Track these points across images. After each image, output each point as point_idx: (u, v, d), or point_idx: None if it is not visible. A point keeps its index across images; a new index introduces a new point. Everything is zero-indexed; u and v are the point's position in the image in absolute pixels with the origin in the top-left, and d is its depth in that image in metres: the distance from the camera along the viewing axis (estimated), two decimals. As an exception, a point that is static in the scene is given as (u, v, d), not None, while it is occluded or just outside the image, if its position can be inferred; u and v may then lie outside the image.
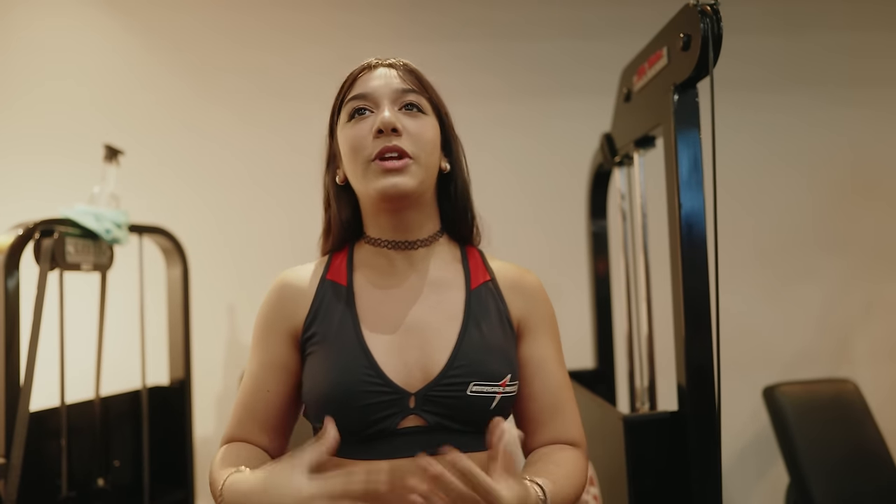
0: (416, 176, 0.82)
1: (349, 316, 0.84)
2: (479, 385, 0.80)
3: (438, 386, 0.80)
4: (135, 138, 2.09)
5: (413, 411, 0.80)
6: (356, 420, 0.79)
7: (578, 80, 2.31)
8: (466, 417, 0.81)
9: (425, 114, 0.86)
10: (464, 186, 0.93)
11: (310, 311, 0.86)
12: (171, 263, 1.89)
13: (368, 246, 0.90)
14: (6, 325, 1.38)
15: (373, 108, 0.84)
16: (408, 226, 0.87)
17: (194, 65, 2.27)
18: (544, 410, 0.88)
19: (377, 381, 0.79)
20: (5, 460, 1.34)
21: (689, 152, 1.12)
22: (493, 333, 0.85)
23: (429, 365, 0.81)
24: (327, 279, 0.89)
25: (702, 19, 1.05)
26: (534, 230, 2.28)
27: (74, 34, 2.24)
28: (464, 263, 0.91)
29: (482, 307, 0.87)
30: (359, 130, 0.83)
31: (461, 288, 0.88)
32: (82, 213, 1.58)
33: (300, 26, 2.29)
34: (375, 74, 0.86)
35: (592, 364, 1.84)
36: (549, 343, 0.91)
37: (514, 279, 0.92)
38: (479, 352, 0.82)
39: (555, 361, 0.90)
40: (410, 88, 0.85)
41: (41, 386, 1.46)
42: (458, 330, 0.84)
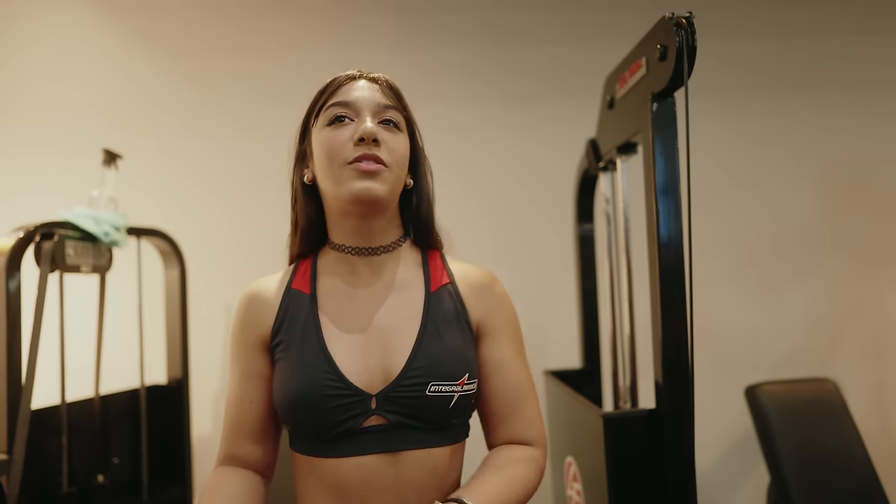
0: (388, 183, 0.86)
1: (312, 323, 0.88)
2: (437, 385, 0.84)
3: (399, 387, 0.84)
4: (133, 142, 2.13)
5: (375, 412, 0.84)
6: (321, 422, 0.83)
7: (568, 85, 2.35)
8: (426, 416, 0.85)
9: (401, 131, 0.90)
10: (427, 199, 0.96)
11: (276, 320, 0.90)
12: (169, 265, 1.92)
13: (332, 252, 0.93)
14: (8, 325, 1.42)
15: (353, 117, 0.87)
16: (372, 232, 0.90)
17: (191, 70, 2.30)
18: (503, 409, 0.92)
19: (339, 385, 0.83)
20: (7, 457, 1.38)
21: (665, 159, 1.16)
22: (452, 334, 0.88)
23: (389, 366, 0.85)
24: (292, 288, 0.92)
25: (677, 31, 1.09)
26: (524, 232, 2.32)
27: (74, 41, 2.28)
28: (424, 267, 0.94)
29: (441, 309, 0.90)
30: (338, 136, 0.86)
31: (421, 290, 0.91)
32: (82, 217, 1.62)
33: (294, 33, 2.33)
34: (359, 85, 0.90)
35: (580, 364, 1.88)
36: (509, 344, 0.94)
37: (474, 281, 0.94)
38: (437, 353, 0.86)
39: (514, 362, 0.93)
40: (391, 105, 0.90)
41: (42, 385, 1.50)
42: (417, 332, 0.87)
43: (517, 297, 2.38)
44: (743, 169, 2.40)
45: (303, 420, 0.84)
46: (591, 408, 1.29)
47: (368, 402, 0.84)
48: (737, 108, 2.40)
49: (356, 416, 0.83)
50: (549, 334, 2.30)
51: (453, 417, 0.87)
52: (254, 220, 2.26)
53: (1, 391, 1.41)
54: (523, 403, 0.93)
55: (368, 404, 0.84)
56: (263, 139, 2.28)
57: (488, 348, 0.93)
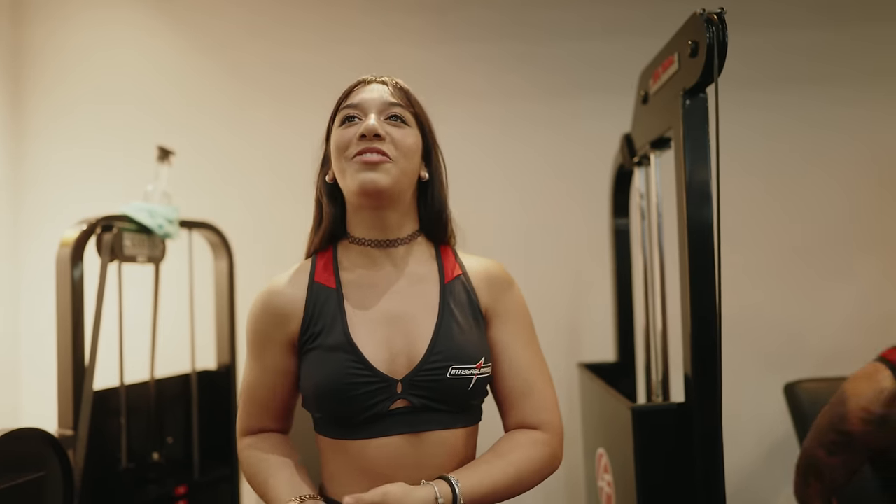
0: (391, 174, 0.91)
1: (339, 316, 0.93)
2: (457, 368, 0.90)
3: (422, 371, 0.90)
4: (185, 138, 2.23)
5: (401, 395, 0.90)
6: (351, 408, 0.89)
7: (604, 80, 2.33)
8: (447, 398, 0.90)
9: (408, 125, 0.95)
10: (440, 193, 1.01)
11: (304, 317, 0.95)
12: (218, 256, 2.02)
13: (353, 245, 0.98)
14: (72, 311, 1.52)
15: (362, 117, 0.94)
16: (387, 225, 0.96)
17: (238, 64, 2.39)
18: (513, 391, 0.97)
19: (366, 373, 0.89)
20: (73, 432, 1.49)
21: (696, 154, 1.16)
22: (467, 321, 0.94)
23: (411, 353, 0.91)
24: (315, 282, 0.97)
25: (707, 28, 1.09)
26: (560, 226, 2.33)
27: (130, 40, 2.40)
28: (438, 260, 1.00)
29: (455, 298, 0.96)
30: (346, 133, 0.93)
31: (436, 282, 0.97)
32: (138, 210, 1.71)
33: (335, 27, 2.39)
34: (369, 88, 0.96)
35: (615, 358, 1.89)
36: (516, 328, 0.99)
37: (483, 272, 1.01)
38: (455, 338, 0.92)
39: (522, 345, 0.98)
40: (397, 102, 0.95)
41: (103, 368, 1.60)
42: (436, 320, 0.93)
43: (553, 290, 2.42)
44: (791, 163, 2.34)
45: (332, 408, 0.91)
46: (621, 400, 1.31)
47: (394, 386, 0.90)
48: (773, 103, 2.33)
49: (383, 400, 0.89)
50: (584, 328, 2.31)
51: (472, 399, 0.93)
52: (298, 212, 2.31)
53: (66, 372, 1.52)
54: (533, 387, 0.97)
55: (395, 389, 0.90)
56: (307, 131, 2.33)
57: (496, 331, 0.98)
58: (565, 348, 2.30)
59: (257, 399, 1.00)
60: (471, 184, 2.29)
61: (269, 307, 0.97)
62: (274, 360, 0.97)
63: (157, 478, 1.75)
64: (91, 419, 1.51)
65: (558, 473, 2.29)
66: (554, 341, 2.29)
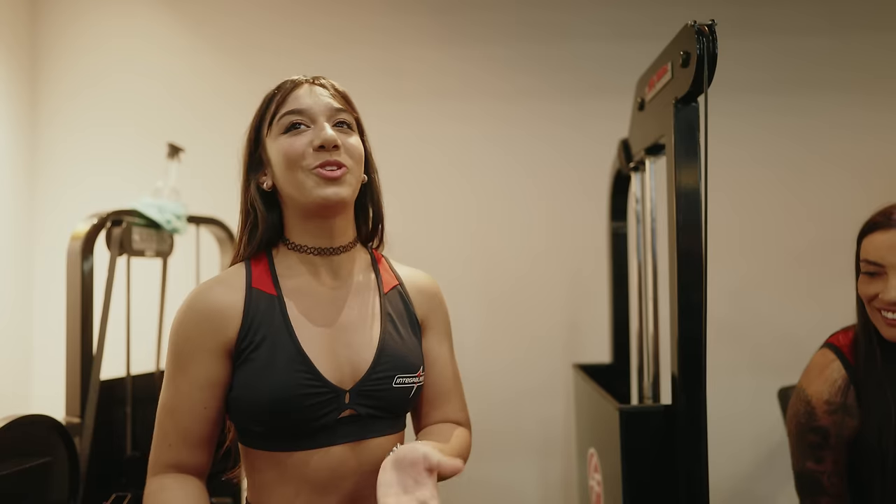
0: (351, 185, 0.91)
1: (283, 323, 0.89)
2: (402, 377, 0.92)
3: (369, 381, 0.90)
4: (194, 135, 2.28)
5: (348, 405, 0.89)
6: (300, 419, 0.86)
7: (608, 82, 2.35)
8: (391, 406, 0.93)
9: (353, 131, 0.94)
10: (379, 195, 1.02)
11: (243, 323, 0.88)
12: (225, 251, 2.06)
13: (291, 252, 0.94)
14: (82, 303, 1.57)
15: (309, 124, 0.90)
16: (333, 233, 0.93)
17: (249, 63, 2.43)
18: (438, 396, 1.02)
19: (316, 384, 0.86)
20: (80, 420, 1.54)
21: (687, 162, 1.18)
22: (406, 331, 0.97)
23: (357, 362, 0.90)
24: (254, 287, 0.91)
25: (698, 38, 1.12)
26: (560, 228, 2.36)
27: (143, 36, 2.44)
28: (374, 269, 1.01)
29: (395, 308, 0.98)
30: (296, 143, 0.88)
31: (376, 291, 0.98)
32: (147, 205, 1.75)
33: (348, 29, 2.42)
34: (310, 92, 0.92)
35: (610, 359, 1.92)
36: (445, 339, 1.05)
37: (419, 284, 1.03)
38: (399, 348, 0.94)
39: (449, 355, 1.04)
40: (342, 108, 0.92)
41: (110, 358, 1.65)
42: (379, 329, 0.94)
43: (553, 291, 2.43)
44: (785, 170, 2.35)
45: (278, 420, 0.85)
46: (610, 401, 1.34)
47: (343, 397, 0.88)
48: (776, 107, 2.35)
49: (332, 411, 0.87)
50: (582, 329, 2.33)
51: (410, 406, 0.97)
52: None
53: (75, 362, 1.57)
54: (455, 391, 1.04)
55: (343, 399, 0.88)
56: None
57: (428, 342, 1.02)
58: (562, 349, 2.32)
59: (177, 422, 0.88)
60: (472, 183, 2.32)
61: (202, 311, 0.88)
62: (203, 372, 0.87)
63: (160, 466, 1.79)
64: (98, 408, 1.55)
65: (554, 472, 2.34)
66: (551, 342, 2.32)
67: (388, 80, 2.35)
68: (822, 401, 1.21)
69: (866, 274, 1.16)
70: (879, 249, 1.12)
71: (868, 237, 1.16)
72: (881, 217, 1.15)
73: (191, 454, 0.89)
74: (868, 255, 1.15)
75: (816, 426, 1.21)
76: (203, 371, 0.88)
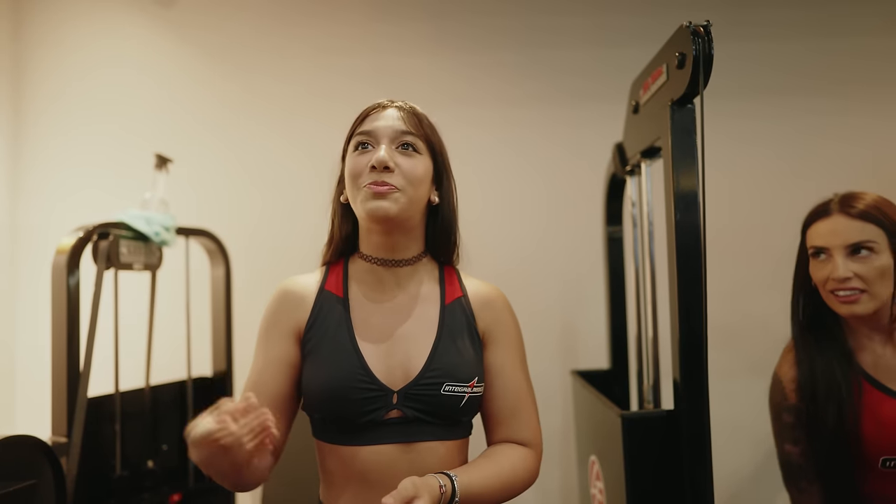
0: (398, 203, 0.95)
1: (345, 323, 0.98)
2: (451, 385, 0.95)
3: (417, 385, 0.95)
4: (182, 146, 2.25)
5: (395, 406, 0.94)
6: (349, 411, 0.93)
7: (601, 87, 2.35)
8: (440, 412, 0.95)
9: (419, 153, 0.99)
10: (450, 217, 1.06)
11: (310, 316, 1.00)
12: (215, 263, 2.03)
13: (361, 261, 1.04)
14: (68, 318, 1.54)
15: (374, 144, 0.98)
16: (395, 247, 1.01)
17: (236, 74, 2.40)
18: (502, 411, 1.02)
19: (366, 380, 0.94)
20: (67, 439, 1.50)
21: (684, 164, 1.17)
22: (463, 342, 0.99)
23: (409, 367, 0.96)
24: (325, 289, 1.03)
25: (694, 40, 1.11)
26: (555, 233, 2.34)
27: (127, 47, 2.41)
28: (440, 281, 1.05)
29: (454, 319, 1.01)
30: (359, 162, 0.98)
31: (437, 302, 1.03)
32: (135, 217, 1.73)
33: (339, 35, 2.40)
34: (383, 115, 1.00)
35: (608, 365, 1.90)
36: (510, 352, 1.04)
37: (483, 296, 1.06)
38: (451, 357, 0.97)
39: (514, 368, 1.03)
40: (409, 130, 0.98)
41: (98, 374, 1.61)
42: (434, 338, 0.98)
43: (549, 297, 2.42)
44: (787, 171, 2.35)
45: (331, 409, 0.94)
46: (612, 408, 1.32)
47: (390, 397, 0.94)
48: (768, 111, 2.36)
49: (379, 408, 0.94)
50: (579, 335, 2.32)
51: (463, 415, 0.98)
52: (296, 221, 2.36)
53: (61, 379, 1.53)
54: (521, 408, 1.02)
55: (390, 399, 0.94)
56: (307, 142, 2.38)
57: (492, 355, 1.03)
58: (560, 355, 2.30)
59: (258, 391, 0.97)
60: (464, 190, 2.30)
61: (282, 296, 1.02)
62: (280, 349, 0.99)
63: (151, 486, 1.75)
64: (85, 426, 1.52)
65: (553, 481, 2.31)
66: (548, 348, 2.30)
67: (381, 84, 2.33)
68: (789, 379, 1.28)
69: (815, 260, 1.27)
70: (823, 236, 1.24)
71: (812, 227, 1.29)
72: (821, 208, 1.29)
73: None
74: (814, 241, 1.27)
75: (789, 405, 1.26)
76: (274, 349, 0.99)
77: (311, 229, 2.31)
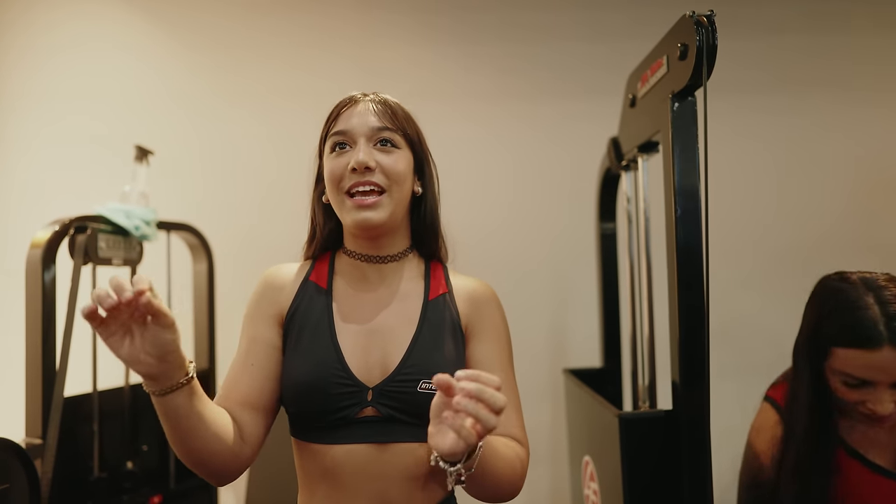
0: (386, 209, 0.93)
1: (326, 315, 0.96)
2: (427, 383, 0.90)
3: (393, 382, 0.91)
4: (165, 139, 2.19)
5: (370, 403, 0.90)
6: (322, 406, 0.90)
7: (592, 82, 2.33)
8: (415, 411, 0.89)
9: (398, 148, 0.96)
10: (433, 209, 1.03)
11: (292, 304, 0.98)
12: (198, 259, 1.98)
13: (346, 256, 1.01)
14: (43, 315, 1.48)
15: (351, 144, 0.95)
16: (379, 246, 0.99)
17: (220, 67, 2.35)
18: None
19: (342, 374, 0.91)
20: (42, 441, 1.44)
21: (685, 158, 1.14)
22: (444, 339, 0.95)
23: (386, 363, 0.92)
24: (310, 280, 1.00)
25: (697, 30, 1.08)
26: (547, 229, 2.32)
27: (109, 39, 2.34)
28: (426, 277, 1.02)
29: (437, 315, 0.97)
30: (337, 164, 0.94)
31: (420, 298, 0.99)
32: (114, 211, 1.67)
33: (323, 27, 2.36)
34: (357, 111, 0.96)
35: (600, 363, 1.87)
36: (493, 346, 0.99)
37: (469, 291, 1.02)
38: (429, 354, 0.93)
39: (497, 363, 0.98)
40: (385, 126, 0.95)
41: (75, 373, 1.55)
42: (413, 334, 0.95)
43: (539, 294, 2.39)
44: (771, 170, 2.35)
45: (304, 402, 0.91)
46: (608, 408, 1.29)
47: (365, 393, 0.91)
48: (764, 108, 2.35)
49: (353, 405, 0.90)
50: (570, 333, 2.29)
51: None
52: (279, 215, 2.30)
53: (36, 378, 1.47)
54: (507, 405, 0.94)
55: (365, 396, 0.90)
56: (292, 133, 2.32)
57: (474, 348, 0.99)
58: (550, 354, 2.28)
59: (234, 375, 0.95)
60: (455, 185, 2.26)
61: (266, 282, 1.01)
62: (260, 331, 0.97)
63: (131, 487, 1.70)
64: (62, 427, 1.46)
65: (543, 481, 2.28)
66: (538, 347, 2.28)
67: (368, 79, 2.28)
68: (768, 457, 1.20)
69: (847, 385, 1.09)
70: (868, 370, 1.04)
71: (847, 351, 1.06)
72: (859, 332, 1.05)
73: (237, 409, 0.92)
74: (852, 370, 1.06)
75: (762, 481, 1.20)
76: (256, 330, 0.97)
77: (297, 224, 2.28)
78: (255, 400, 0.93)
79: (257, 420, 0.93)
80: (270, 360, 0.95)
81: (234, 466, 0.90)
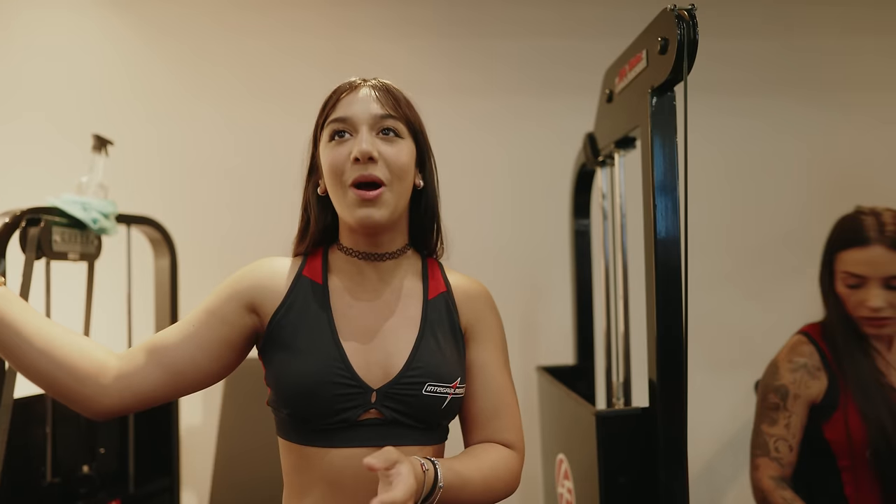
0: (389, 205, 0.88)
1: (325, 314, 0.90)
2: (433, 385, 0.88)
3: (398, 384, 0.87)
4: (126, 129, 2.10)
5: (373, 406, 0.87)
6: (323, 408, 0.85)
7: (566, 78, 2.33)
8: (420, 414, 0.88)
9: (401, 137, 0.91)
10: (433, 203, 0.99)
11: (284, 300, 0.91)
12: (160, 254, 1.90)
13: (341, 253, 0.96)
14: (-8, 312, 1.40)
15: (352, 132, 0.89)
16: (378, 243, 0.94)
17: (185, 56, 2.27)
18: (483, 411, 0.95)
19: (345, 375, 0.86)
20: (-11, 445, 1.36)
21: (663, 154, 1.14)
22: (446, 340, 0.93)
23: (389, 365, 0.88)
24: (303, 275, 0.94)
25: (678, 24, 1.07)
26: (520, 226, 2.31)
27: (69, 24, 2.24)
28: (423, 275, 0.98)
29: (437, 315, 0.94)
30: (338, 154, 0.88)
31: (420, 297, 0.95)
32: (69, 203, 1.59)
33: (292, 20, 2.30)
34: (357, 97, 0.90)
35: (573, 361, 1.86)
36: (492, 349, 0.98)
37: (467, 291, 0.99)
38: (433, 356, 0.90)
39: (497, 367, 0.97)
40: (388, 114, 0.90)
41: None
42: (416, 335, 0.91)
43: (511, 291, 2.38)
44: (744, 167, 2.39)
45: (303, 404, 0.85)
46: (584, 405, 1.28)
47: (369, 395, 0.87)
48: (737, 107, 2.39)
49: (355, 407, 0.86)
50: (542, 330, 2.28)
51: (444, 418, 0.92)
52: (247, 211, 2.24)
53: (-17, 379, 1.39)
54: (504, 408, 0.96)
55: (369, 398, 0.87)
56: (258, 128, 2.26)
57: (473, 351, 0.97)
58: (522, 351, 2.27)
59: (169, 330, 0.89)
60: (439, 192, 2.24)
61: (253, 273, 0.93)
62: (223, 307, 0.89)
63: (87, 492, 1.63)
64: (11, 430, 1.38)
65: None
66: (511, 344, 2.23)
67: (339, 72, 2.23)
68: (785, 360, 1.33)
69: (847, 285, 1.29)
70: (861, 265, 1.25)
71: (845, 252, 1.28)
72: (856, 234, 1.27)
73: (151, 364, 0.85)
74: (848, 268, 1.27)
75: (778, 385, 1.31)
76: (221, 305, 0.90)
77: (263, 219, 2.23)
78: (175, 363, 0.86)
79: (154, 374, 0.85)
80: (213, 333, 0.88)
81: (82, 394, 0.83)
